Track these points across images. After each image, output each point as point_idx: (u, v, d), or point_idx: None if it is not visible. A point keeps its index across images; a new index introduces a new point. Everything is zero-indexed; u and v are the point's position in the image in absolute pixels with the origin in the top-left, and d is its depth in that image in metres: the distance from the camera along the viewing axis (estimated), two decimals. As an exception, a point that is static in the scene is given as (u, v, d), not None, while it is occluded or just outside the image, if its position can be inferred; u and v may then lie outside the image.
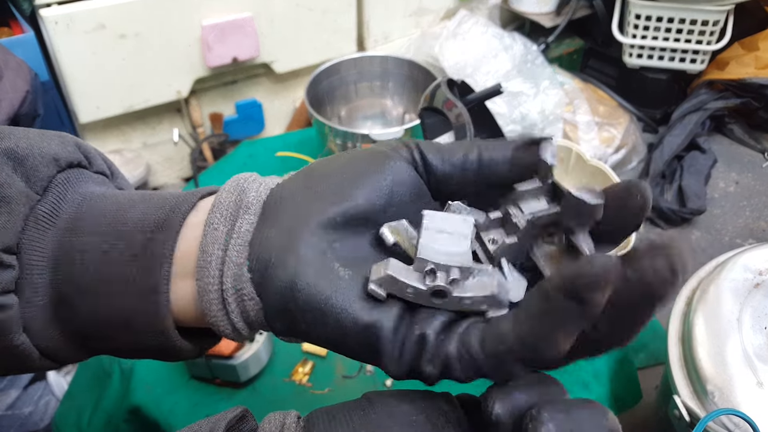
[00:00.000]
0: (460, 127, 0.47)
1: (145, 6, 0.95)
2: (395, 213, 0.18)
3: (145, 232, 0.17)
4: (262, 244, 0.17)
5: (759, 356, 0.52)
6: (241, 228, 0.17)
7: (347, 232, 0.17)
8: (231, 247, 0.17)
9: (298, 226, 0.16)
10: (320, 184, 0.17)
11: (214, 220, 0.17)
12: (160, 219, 0.17)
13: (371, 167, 0.17)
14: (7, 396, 0.68)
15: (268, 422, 0.18)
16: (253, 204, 0.17)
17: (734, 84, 1.28)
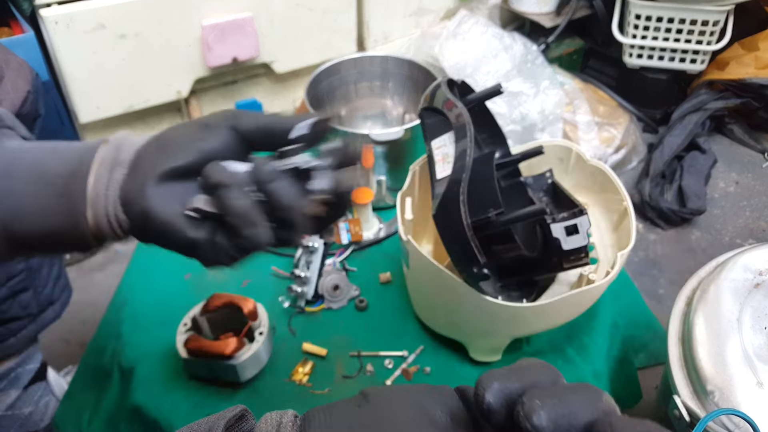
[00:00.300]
0: (460, 127, 0.47)
1: (145, 6, 0.95)
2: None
3: (65, 177, 0.27)
4: (127, 187, 0.27)
5: (759, 356, 0.52)
6: (116, 176, 0.28)
7: (179, 178, 0.28)
8: (110, 189, 0.27)
9: (148, 175, 0.27)
10: (165, 147, 0.28)
11: (101, 171, 0.28)
12: (74, 169, 0.28)
13: (199, 134, 0.28)
14: (7, 396, 0.67)
15: (264, 422, 0.18)
16: (125, 160, 0.28)
17: (734, 84, 1.28)
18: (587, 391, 0.15)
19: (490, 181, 0.46)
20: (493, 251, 0.46)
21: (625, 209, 0.55)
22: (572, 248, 0.48)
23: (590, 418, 0.15)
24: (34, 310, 0.63)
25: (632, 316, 0.65)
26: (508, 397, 0.16)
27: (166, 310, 0.62)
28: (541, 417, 0.14)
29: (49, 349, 0.89)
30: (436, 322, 0.57)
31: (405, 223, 0.54)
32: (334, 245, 0.68)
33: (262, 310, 0.56)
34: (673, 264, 1.11)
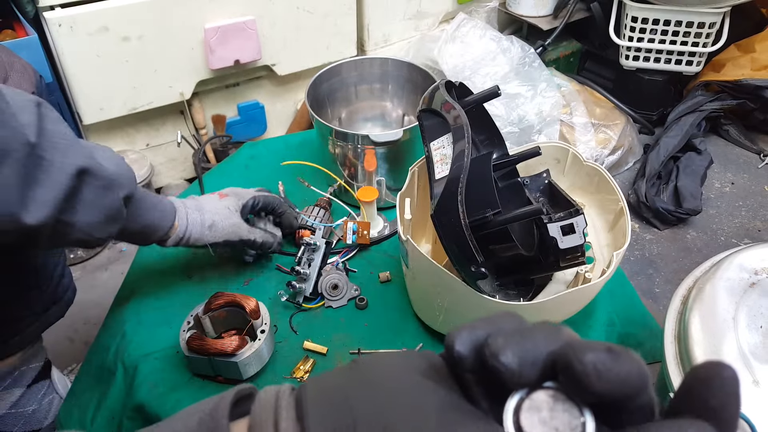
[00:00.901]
0: (458, 129, 0.47)
1: (147, 9, 0.96)
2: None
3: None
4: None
5: (755, 355, 0.52)
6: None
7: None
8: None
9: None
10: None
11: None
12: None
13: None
14: (11, 394, 0.68)
15: (264, 392, 0.19)
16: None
17: (730, 85, 1.29)
18: (548, 327, 0.16)
19: (488, 181, 0.46)
20: (490, 250, 0.47)
21: (621, 209, 0.56)
22: (569, 247, 0.48)
23: (553, 348, 0.15)
24: (39, 308, 0.64)
25: (628, 314, 0.66)
26: (475, 343, 0.16)
27: (169, 308, 0.63)
28: (507, 354, 0.15)
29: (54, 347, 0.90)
30: (434, 320, 0.58)
31: (404, 222, 0.55)
32: (339, 243, 0.69)
33: (264, 309, 0.57)
34: (668, 263, 1.12)
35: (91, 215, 0.43)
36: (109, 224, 0.45)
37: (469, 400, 0.17)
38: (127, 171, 0.47)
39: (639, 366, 0.15)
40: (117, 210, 0.45)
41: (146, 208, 0.51)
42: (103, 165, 0.43)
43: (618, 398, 0.14)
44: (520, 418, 0.15)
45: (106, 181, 0.43)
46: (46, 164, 0.38)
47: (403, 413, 0.16)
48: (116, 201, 0.45)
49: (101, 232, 0.45)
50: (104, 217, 0.44)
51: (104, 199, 0.43)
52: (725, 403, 0.14)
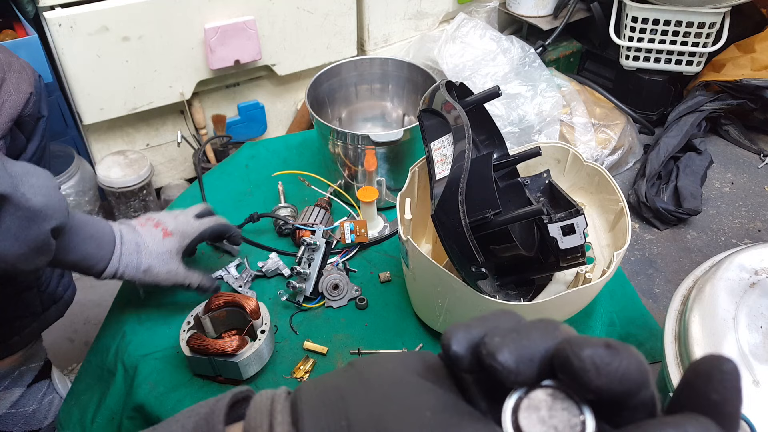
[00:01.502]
0: (458, 129, 0.47)
1: (147, 9, 0.96)
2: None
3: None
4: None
5: (755, 355, 0.52)
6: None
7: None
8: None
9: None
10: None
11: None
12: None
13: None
14: (11, 394, 0.68)
15: (259, 395, 0.19)
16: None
17: (730, 85, 1.29)
18: (544, 323, 0.16)
19: (488, 181, 0.46)
20: (491, 251, 0.47)
21: (621, 209, 0.56)
22: (569, 248, 0.48)
23: (550, 345, 0.15)
24: (38, 308, 0.64)
25: (628, 314, 0.66)
26: (472, 342, 0.16)
27: (169, 309, 0.63)
28: (504, 352, 0.15)
29: (54, 347, 0.90)
30: (434, 320, 0.58)
31: (404, 223, 0.55)
32: (338, 244, 0.69)
33: (264, 309, 0.57)
34: (669, 263, 1.12)
35: (12, 246, 0.41)
36: (35, 257, 0.43)
37: (468, 400, 0.17)
38: (58, 202, 0.44)
39: (639, 361, 0.14)
40: (43, 242, 0.43)
41: (81, 240, 0.49)
42: (26, 195, 0.41)
43: (618, 394, 0.14)
44: (518, 418, 0.15)
45: (30, 212, 0.41)
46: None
47: (398, 414, 0.16)
48: (42, 233, 0.42)
49: (26, 264, 0.43)
50: (28, 249, 0.42)
51: (28, 230, 0.41)
52: (726, 397, 0.14)
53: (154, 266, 0.54)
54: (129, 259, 0.53)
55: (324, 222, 0.70)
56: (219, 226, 0.60)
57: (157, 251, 0.54)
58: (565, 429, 0.15)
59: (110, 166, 1.08)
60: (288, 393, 0.19)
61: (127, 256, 0.52)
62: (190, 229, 0.57)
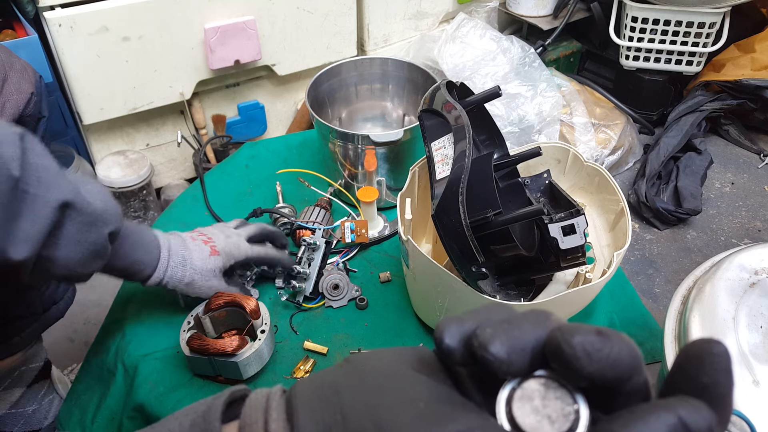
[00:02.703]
0: (459, 129, 0.47)
1: (147, 9, 0.96)
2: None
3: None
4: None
5: (755, 355, 0.52)
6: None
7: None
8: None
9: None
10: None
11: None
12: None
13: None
14: (11, 394, 0.68)
15: (255, 394, 0.19)
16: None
17: (730, 85, 1.29)
18: (536, 314, 0.16)
19: (489, 181, 0.46)
20: (491, 251, 0.47)
21: (622, 209, 0.56)
22: (569, 248, 0.48)
23: (542, 335, 0.15)
24: (39, 308, 0.64)
25: (628, 314, 0.66)
26: (464, 335, 0.16)
27: (169, 308, 0.63)
28: (495, 343, 0.15)
29: (54, 347, 0.90)
30: (435, 320, 0.58)
31: (405, 223, 0.55)
32: (339, 244, 0.69)
33: (264, 309, 0.57)
34: (669, 263, 1.12)
35: (74, 251, 0.42)
36: (93, 261, 0.44)
37: (462, 393, 0.17)
38: (114, 207, 0.45)
39: (630, 347, 0.14)
40: (101, 246, 0.44)
41: (131, 246, 0.51)
42: (88, 200, 0.42)
43: (610, 381, 0.14)
44: (512, 408, 0.15)
45: (91, 217, 0.42)
46: (29, 198, 0.38)
47: (393, 405, 0.16)
48: (101, 237, 0.44)
49: (84, 268, 0.44)
50: (88, 254, 0.43)
51: (88, 235, 0.42)
52: (717, 379, 0.14)
53: (197, 281, 0.56)
54: (174, 271, 0.54)
55: (324, 222, 0.70)
56: (267, 257, 0.61)
57: (202, 268, 0.56)
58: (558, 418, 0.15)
59: (110, 166, 1.08)
60: (283, 391, 0.19)
61: (173, 268, 0.54)
62: (238, 252, 0.59)
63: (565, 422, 0.15)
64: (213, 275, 0.57)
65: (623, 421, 0.14)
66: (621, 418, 0.14)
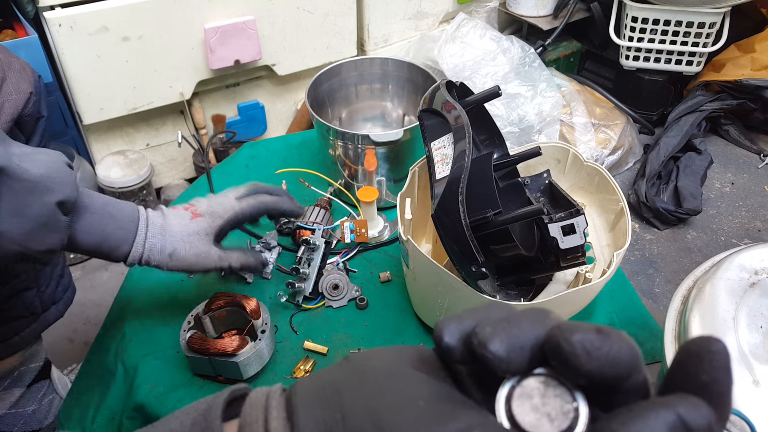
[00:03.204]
0: (459, 129, 0.47)
1: (147, 9, 0.96)
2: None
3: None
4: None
5: (755, 355, 0.52)
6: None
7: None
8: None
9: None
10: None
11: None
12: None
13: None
14: (11, 394, 0.68)
15: (255, 392, 0.19)
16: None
17: (730, 85, 1.29)
18: (535, 312, 0.16)
19: (489, 181, 0.46)
20: (491, 250, 0.47)
21: (622, 209, 0.56)
22: (569, 248, 0.48)
23: (541, 333, 0.15)
24: (38, 308, 0.64)
25: (628, 314, 0.66)
26: (463, 334, 0.16)
27: (169, 308, 0.63)
28: (495, 342, 0.15)
29: (54, 347, 0.90)
30: (435, 320, 0.58)
31: (405, 223, 0.55)
32: (339, 244, 0.69)
33: (264, 309, 0.57)
34: (669, 263, 1.12)
35: (15, 223, 0.39)
36: (43, 234, 0.41)
37: (462, 390, 0.17)
38: (63, 175, 0.41)
39: (629, 345, 0.14)
40: (49, 217, 0.41)
41: (99, 219, 0.46)
42: (24, 167, 0.39)
43: (609, 379, 0.14)
44: (511, 407, 0.15)
45: (29, 183, 0.39)
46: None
47: (393, 404, 0.16)
48: (46, 206, 0.40)
49: (37, 243, 0.41)
50: (34, 225, 0.40)
51: (29, 204, 0.39)
52: (716, 377, 0.14)
53: (179, 249, 0.50)
54: (153, 242, 0.49)
55: (324, 222, 0.70)
56: (261, 206, 0.54)
57: (182, 233, 0.50)
58: (558, 416, 0.15)
59: (110, 166, 1.08)
60: (283, 389, 0.19)
61: (152, 239, 0.49)
62: (223, 209, 0.52)
63: (565, 420, 0.15)
64: (198, 239, 0.50)
65: (622, 419, 0.14)
66: (620, 416, 0.14)
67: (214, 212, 0.52)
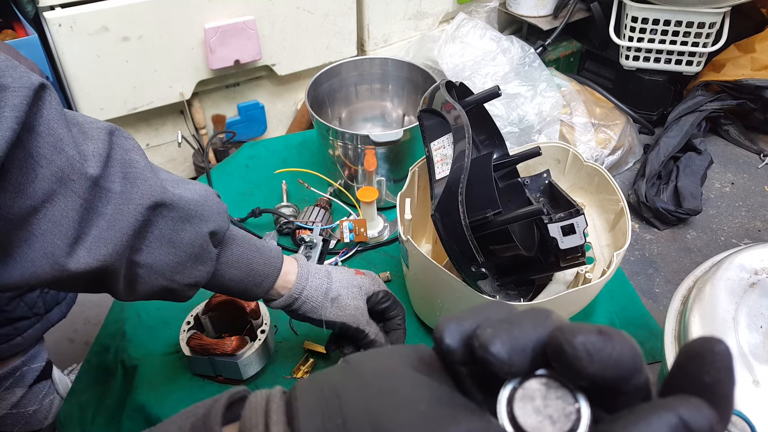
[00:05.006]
0: (458, 129, 0.47)
1: (147, 9, 0.96)
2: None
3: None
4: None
5: (755, 355, 0.52)
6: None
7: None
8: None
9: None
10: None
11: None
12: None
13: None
14: (12, 395, 0.68)
15: (254, 396, 0.19)
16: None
17: (730, 85, 1.29)
18: (536, 313, 0.16)
19: (488, 181, 0.46)
20: (491, 251, 0.47)
21: (621, 209, 0.56)
22: (569, 248, 0.48)
23: (543, 334, 0.15)
24: (41, 309, 0.64)
25: (628, 314, 0.66)
26: (464, 335, 0.16)
27: (169, 308, 0.63)
28: (496, 344, 0.15)
29: (54, 347, 0.90)
30: (434, 320, 0.58)
31: (404, 223, 0.55)
32: (339, 244, 0.69)
33: (264, 309, 0.57)
34: (668, 263, 1.12)
35: (166, 254, 0.37)
36: (192, 266, 0.39)
37: (463, 392, 0.17)
38: (215, 203, 0.40)
39: (631, 346, 0.14)
40: (200, 247, 0.38)
41: (246, 250, 0.43)
42: (180, 194, 0.37)
43: (612, 380, 0.14)
44: (513, 408, 0.15)
45: (184, 212, 0.37)
46: (112, 196, 0.33)
47: (393, 408, 0.16)
48: (199, 236, 0.38)
49: (185, 276, 0.38)
50: (186, 256, 0.38)
51: (182, 233, 0.37)
52: (719, 378, 0.14)
53: (344, 296, 0.46)
54: (319, 282, 0.46)
55: (323, 221, 0.70)
56: (394, 302, 0.50)
57: (347, 281, 0.47)
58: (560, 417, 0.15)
59: (110, 166, 1.08)
60: (283, 392, 0.19)
61: (317, 279, 0.46)
62: (379, 279, 0.51)
63: (567, 422, 0.15)
64: (359, 294, 0.47)
65: (624, 421, 0.14)
66: (622, 419, 0.14)
67: (376, 277, 0.51)
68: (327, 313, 0.46)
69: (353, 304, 0.47)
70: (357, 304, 0.47)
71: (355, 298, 0.47)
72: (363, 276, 0.49)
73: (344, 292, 0.47)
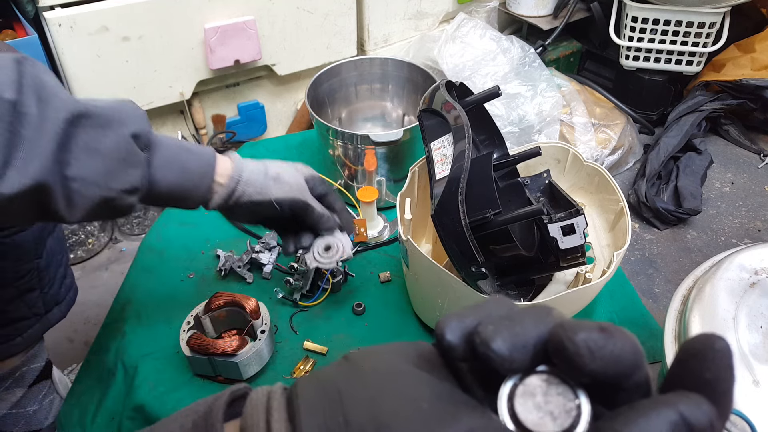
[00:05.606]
0: (458, 129, 0.47)
1: (147, 9, 0.96)
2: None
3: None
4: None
5: (755, 355, 0.52)
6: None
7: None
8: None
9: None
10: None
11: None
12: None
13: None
14: (13, 395, 0.68)
15: (255, 392, 0.19)
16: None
17: (730, 85, 1.29)
18: (537, 310, 0.16)
19: (488, 181, 0.46)
20: (491, 250, 0.47)
21: (621, 209, 0.56)
22: (569, 248, 0.48)
23: (544, 331, 0.15)
24: (41, 309, 0.64)
25: (628, 314, 0.66)
26: (465, 331, 0.16)
27: (169, 308, 0.63)
28: (497, 340, 0.15)
29: (54, 347, 0.90)
30: (434, 320, 0.58)
31: (404, 223, 0.55)
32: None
33: (264, 309, 0.57)
34: (669, 263, 1.12)
35: (96, 162, 0.37)
36: (124, 170, 0.39)
37: (463, 388, 0.17)
38: (132, 108, 0.40)
39: (632, 343, 0.14)
40: (126, 151, 0.39)
41: (176, 151, 0.43)
42: (92, 104, 0.38)
43: (612, 377, 0.14)
44: (514, 405, 0.15)
45: (101, 119, 0.37)
46: (31, 119, 0.34)
47: (395, 406, 0.16)
48: (122, 140, 0.38)
49: (119, 181, 0.39)
50: (114, 162, 0.38)
51: (104, 139, 0.37)
52: (719, 375, 0.14)
53: (284, 174, 0.47)
54: (255, 166, 0.46)
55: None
56: (330, 189, 0.51)
57: (284, 164, 0.48)
58: (560, 414, 0.15)
59: (110, 166, 1.08)
60: (284, 389, 0.19)
61: (252, 164, 0.46)
62: (311, 169, 0.51)
63: (567, 418, 0.15)
64: (297, 173, 0.48)
65: (625, 418, 0.14)
66: (622, 415, 0.14)
67: (308, 166, 0.51)
68: (272, 191, 0.46)
69: (294, 181, 0.48)
70: (298, 180, 0.48)
71: (294, 176, 0.48)
72: (294, 162, 0.50)
73: (283, 171, 0.48)
